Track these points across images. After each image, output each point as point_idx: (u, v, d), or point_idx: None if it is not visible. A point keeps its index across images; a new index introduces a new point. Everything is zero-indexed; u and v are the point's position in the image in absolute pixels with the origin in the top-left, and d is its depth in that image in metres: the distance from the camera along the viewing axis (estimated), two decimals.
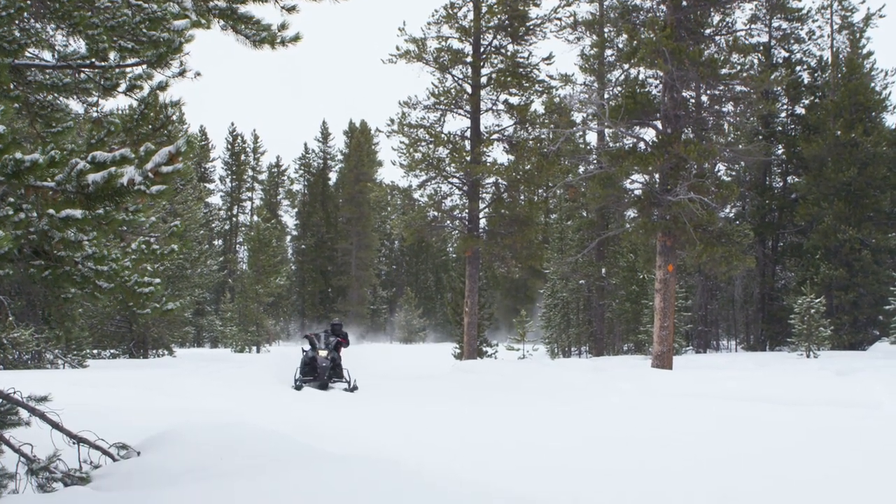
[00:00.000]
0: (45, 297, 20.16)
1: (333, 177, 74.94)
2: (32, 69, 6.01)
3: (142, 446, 6.35)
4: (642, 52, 19.29)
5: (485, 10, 26.36)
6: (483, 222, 27.85)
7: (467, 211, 27.02)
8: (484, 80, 26.93)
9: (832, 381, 13.98)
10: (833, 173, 31.10)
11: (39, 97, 6.23)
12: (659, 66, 19.25)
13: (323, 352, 16.00)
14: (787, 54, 36.81)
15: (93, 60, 5.87)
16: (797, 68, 36.37)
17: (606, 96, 22.97)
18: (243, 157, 72.62)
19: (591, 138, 37.20)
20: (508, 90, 26.98)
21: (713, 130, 21.81)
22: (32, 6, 5.25)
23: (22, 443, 5.52)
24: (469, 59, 26.78)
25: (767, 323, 35.60)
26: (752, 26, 29.55)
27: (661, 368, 19.13)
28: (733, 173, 35.24)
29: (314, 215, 72.02)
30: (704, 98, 21.47)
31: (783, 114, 36.99)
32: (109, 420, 7.67)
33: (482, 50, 26.79)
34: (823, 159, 31.89)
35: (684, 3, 20.44)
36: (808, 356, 25.09)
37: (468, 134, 26.99)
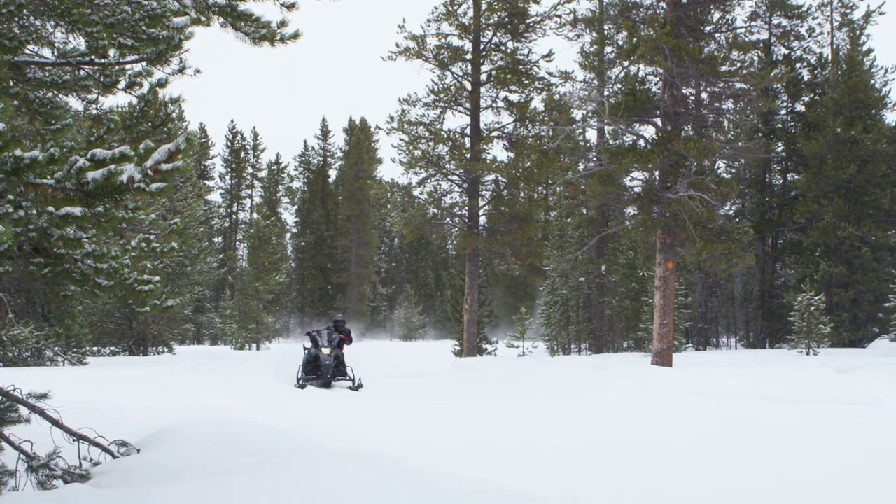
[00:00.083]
0: (44, 295, 20.16)
1: (333, 174, 75.00)
2: (32, 66, 6.01)
3: (142, 444, 6.35)
4: (642, 50, 19.28)
5: (484, 7, 26.33)
6: (483, 219, 27.84)
7: (467, 208, 27.01)
8: (484, 77, 26.91)
9: (832, 379, 14.00)
10: (833, 170, 31.11)
11: (39, 94, 6.23)
12: (659, 63, 19.25)
13: (326, 349, 15.57)
14: (787, 51, 36.81)
15: (92, 58, 5.87)
16: (797, 65, 36.36)
17: (606, 93, 22.94)
18: (243, 155, 72.68)
19: (591, 135, 37.27)
20: (508, 87, 26.96)
21: (713, 128, 21.80)
22: (32, 3, 5.25)
23: (22, 440, 5.53)
24: (469, 57, 26.75)
25: (767, 320, 35.62)
26: (752, 23, 29.63)
27: (660, 366, 19.15)
28: (733, 170, 35.25)
29: (314, 212, 72.06)
30: (704, 95, 21.45)
31: (783, 111, 36.99)
32: (109, 417, 7.66)
33: (482, 47, 26.76)
34: (823, 156, 31.89)
35: (684, 0, 20.43)
36: (807, 353, 25.10)
37: (468, 131, 26.97)
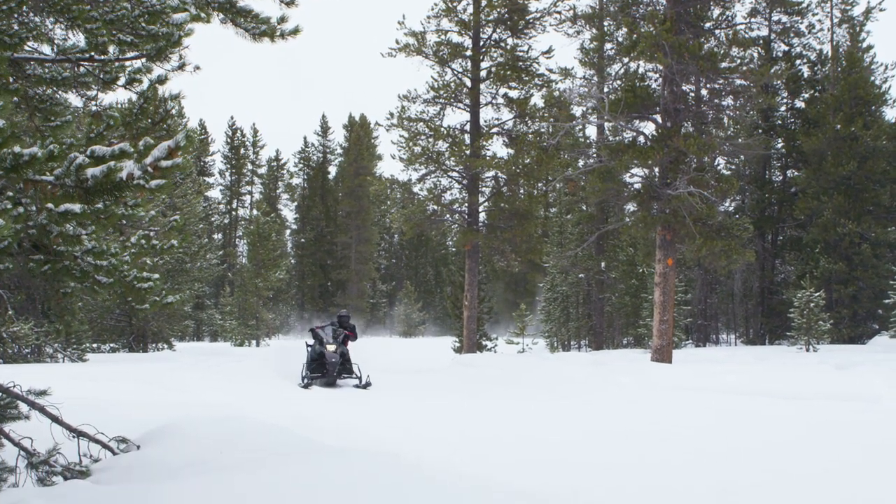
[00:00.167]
0: (44, 292, 20.14)
1: (333, 171, 74.97)
2: (31, 63, 6.00)
3: (141, 440, 6.36)
4: (642, 46, 19.26)
5: (484, 3, 26.29)
6: (483, 216, 27.82)
7: (467, 205, 26.99)
8: (483, 73, 26.88)
9: (831, 375, 14.00)
10: (833, 167, 31.10)
11: (38, 91, 6.22)
12: (659, 59, 19.23)
13: (331, 346, 15.19)
14: (786, 48, 36.78)
15: (92, 54, 5.87)
16: (797, 62, 36.35)
17: (606, 90, 22.94)
18: (243, 151, 72.66)
19: (591, 132, 37.29)
20: (508, 84, 26.93)
21: (713, 124, 21.79)
22: (32, 0, 5.24)
23: (22, 436, 5.53)
24: (468, 53, 26.73)
25: (767, 317, 35.62)
26: (752, 20, 29.53)
27: (660, 362, 19.15)
28: (733, 167, 35.29)
29: (313, 209, 72.05)
30: (704, 92, 21.43)
31: (783, 108, 36.98)
32: (109, 414, 7.67)
33: (482, 43, 26.73)
34: (823, 153, 31.88)
35: None
36: (807, 350, 25.11)
37: (468, 128, 26.95)
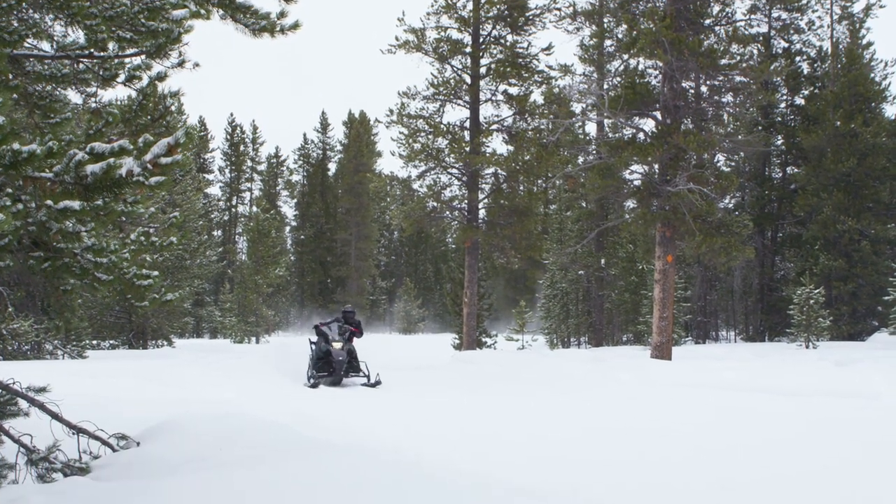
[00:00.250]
0: (44, 288, 20.12)
1: (333, 167, 74.97)
2: (31, 59, 6.00)
3: (141, 437, 6.36)
4: (642, 43, 19.25)
5: (484, 0, 26.28)
6: (482, 213, 27.81)
7: (466, 201, 26.98)
8: (483, 70, 26.85)
9: (831, 372, 14.00)
10: (832, 164, 31.09)
11: (38, 88, 6.21)
12: (658, 56, 19.22)
13: (337, 344, 14.76)
14: (786, 45, 36.74)
15: (91, 51, 5.86)
16: (797, 59, 36.31)
17: (606, 87, 22.93)
18: (242, 148, 72.64)
19: (591, 129, 37.24)
20: (508, 80, 26.90)
21: (713, 121, 21.78)
22: None
23: (21, 433, 5.53)
24: (468, 50, 26.70)
25: (766, 313, 35.64)
26: (752, 16, 29.49)
27: (660, 359, 19.16)
28: (733, 164, 35.27)
29: (313, 206, 72.06)
30: (704, 88, 21.42)
31: (783, 104, 36.96)
32: (109, 410, 7.67)
33: (481, 40, 26.70)
34: (823, 150, 31.88)
35: None
36: (807, 347, 25.12)
37: (467, 124, 26.93)
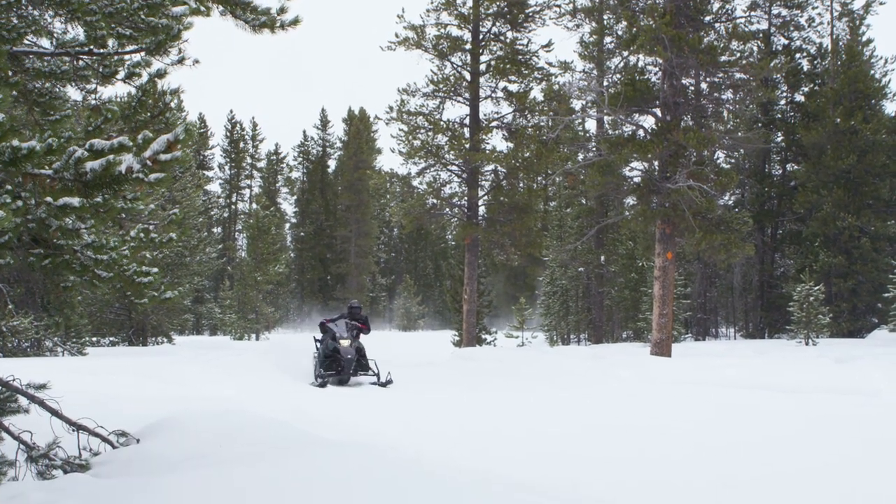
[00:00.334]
0: (44, 285, 20.15)
1: (332, 164, 74.95)
2: (31, 56, 5.99)
3: (141, 434, 6.36)
4: (641, 40, 19.24)
5: None
6: (482, 210, 27.83)
7: (466, 198, 26.98)
8: (483, 67, 26.84)
9: (831, 369, 14.01)
10: (832, 161, 31.07)
11: (38, 84, 6.21)
12: (658, 53, 19.21)
13: (345, 341, 14.39)
14: (786, 41, 36.69)
15: (91, 47, 5.86)
16: (797, 56, 36.27)
17: (606, 83, 22.90)
18: (242, 145, 72.61)
19: (591, 126, 37.26)
20: (507, 77, 26.90)
21: (712, 118, 21.77)
22: None
23: (21, 430, 5.53)
24: (468, 47, 26.69)
25: (766, 310, 35.63)
26: (752, 13, 29.45)
27: (659, 356, 19.16)
28: (732, 161, 35.22)
29: (313, 203, 72.04)
30: (704, 85, 21.42)
31: (782, 101, 36.91)
32: (109, 407, 7.67)
33: (481, 37, 26.69)
34: (823, 147, 31.85)
35: None
36: (806, 344, 25.13)
37: (467, 121, 26.93)
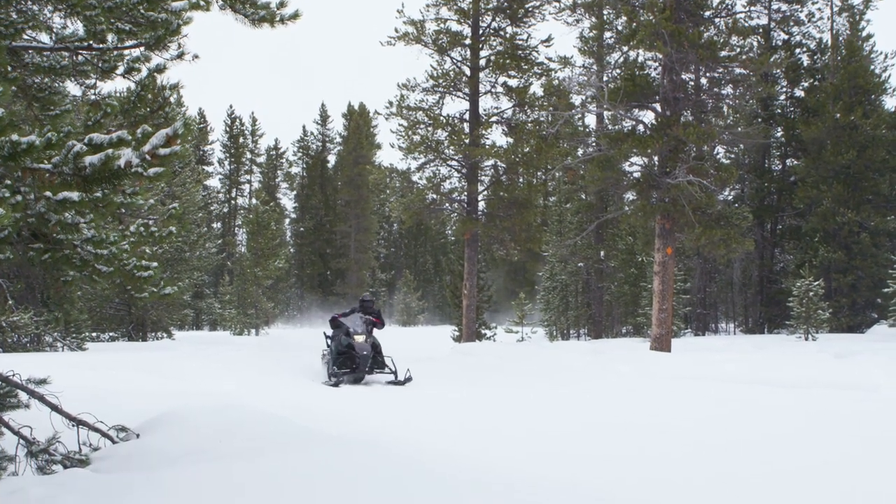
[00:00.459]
0: (43, 280, 20.14)
1: (332, 159, 74.89)
2: (30, 51, 5.98)
3: (141, 429, 6.37)
4: (641, 35, 19.21)
5: None
6: (482, 205, 27.81)
7: (466, 193, 26.97)
8: (483, 62, 26.81)
9: (830, 364, 14.01)
10: (832, 156, 31.05)
11: (37, 79, 6.20)
12: (658, 48, 19.18)
13: (359, 337, 13.60)
14: (786, 37, 36.66)
15: (90, 42, 5.84)
16: (797, 51, 36.22)
17: (605, 79, 22.88)
18: (242, 140, 72.54)
19: (590, 121, 37.24)
20: (507, 72, 26.88)
21: (712, 113, 21.75)
22: None
23: (21, 425, 5.54)
24: (468, 42, 26.66)
25: (766, 306, 35.64)
26: (752, 8, 29.41)
27: (659, 351, 19.17)
28: (732, 156, 35.24)
29: (313, 198, 72.02)
30: (704, 80, 21.38)
31: (782, 96, 36.88)
32: (108, 403, 7.68)
33: (481, 32, 26.66)
34: (822, 142, 31.82)
35: None
36: (806, 339, 25.13)
37: (467, 116, 26.92)
